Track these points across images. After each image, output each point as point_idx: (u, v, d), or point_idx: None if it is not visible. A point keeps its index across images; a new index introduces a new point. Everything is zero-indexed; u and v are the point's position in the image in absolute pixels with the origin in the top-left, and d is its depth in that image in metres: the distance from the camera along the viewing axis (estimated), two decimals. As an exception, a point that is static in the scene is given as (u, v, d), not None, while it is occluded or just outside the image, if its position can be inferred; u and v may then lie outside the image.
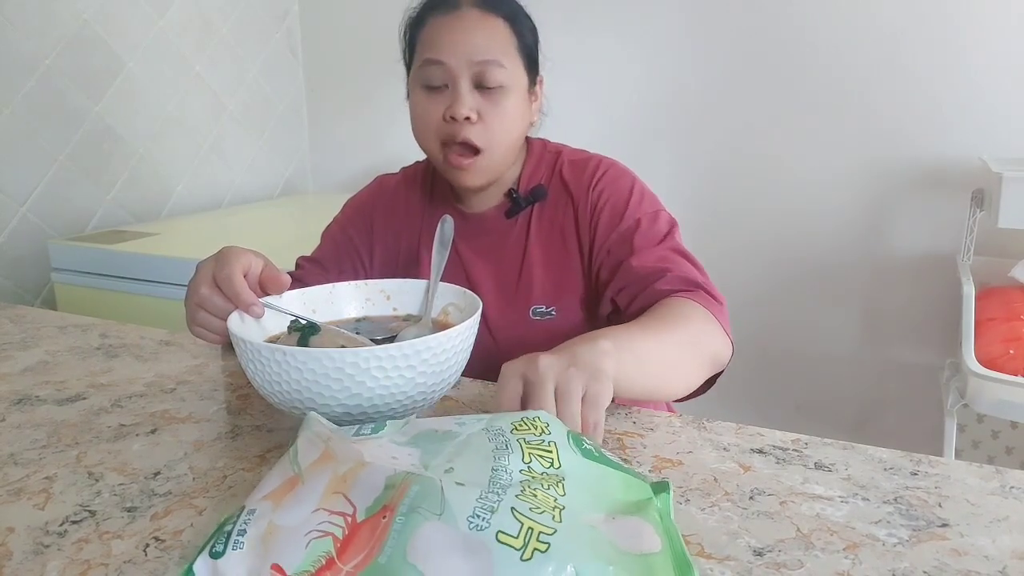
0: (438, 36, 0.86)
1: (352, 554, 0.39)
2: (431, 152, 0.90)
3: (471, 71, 0.84)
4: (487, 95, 0.85)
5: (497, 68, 0.84)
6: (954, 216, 1.70)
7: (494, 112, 0.86)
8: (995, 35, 1.63)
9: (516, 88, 0.87)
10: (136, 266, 1.43)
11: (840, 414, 1.94)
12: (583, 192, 0.93)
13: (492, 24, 0.86)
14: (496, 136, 0.86)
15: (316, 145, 2.41)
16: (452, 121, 0.85)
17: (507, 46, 0.86)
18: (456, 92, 0.85)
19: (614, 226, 0.90)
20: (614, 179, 0.94)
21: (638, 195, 0.92)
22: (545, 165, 0.97)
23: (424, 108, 0.87)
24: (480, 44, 0.84)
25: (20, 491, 0.56)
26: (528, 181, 0.96)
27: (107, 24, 1.69)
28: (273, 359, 0.56)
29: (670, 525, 0.44)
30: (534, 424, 0.50)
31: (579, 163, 0.96)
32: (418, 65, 0.87)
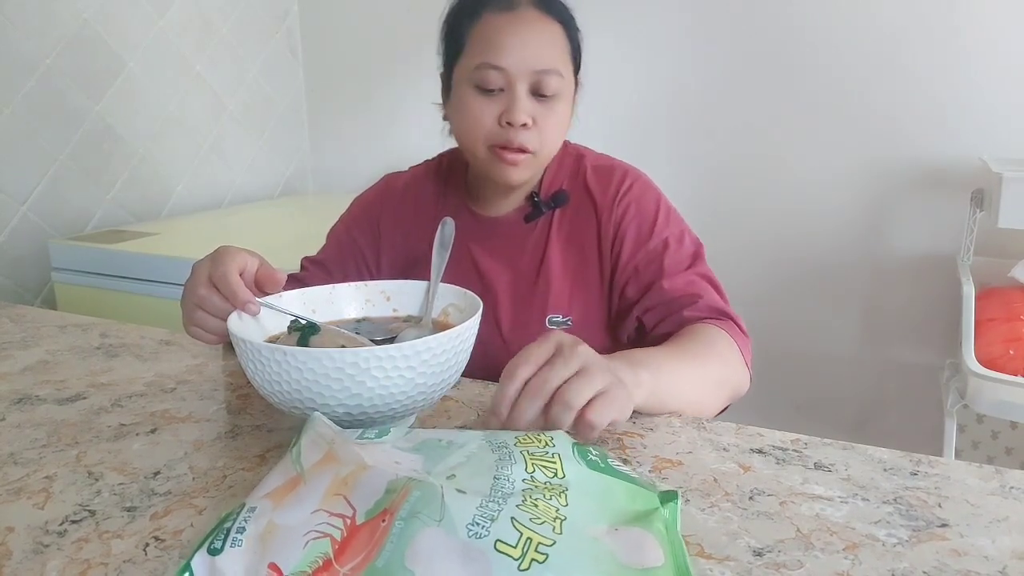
0: (497, 38, 0.83)
1: (350, 556, 0.39)
2: (477, 152, 0.87)
3: (530, 79, 0.83)
4: (542, 102, 0.84)
5: (556, 77, 0.84)
6: (954, 216, 1.70)
7: (548, 118, 0.85)
8: (995, 35, 1.63)
9: (567, 95, 0.87)
10: (136, 266, 1.43)
11: (840, 414, 1.94)
12: (608, 203, 0.92)
13: (550, 29, 0.85)
14: (547, 141, 0.86)
15: (316, 145, 2.41)
16: (507, 126, 0.84)
17: (563, 53, 0.85)
18: (514, 98, 0.83)
19: (641, 244, 0.89)
20: (640, 194, 0.92)
21: (664, 213, 0.92)
22: (567, 169, 0.96)
23: (478, 110, 0.85)
24: (541, 52, 0.83)
25: (20, 490, 0.56)
26: (550, 185, 0.94)
27: (107, 24, 1.69)
28: (273, 359, 0.56)
29: (675, 537, 0.44)
30: (538, 438, 0.50)
31: (604, 171, 0.95)
32: (474, 66, 0.84)
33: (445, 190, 0.99)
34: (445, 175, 0.99)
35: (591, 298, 0.92)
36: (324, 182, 2.44)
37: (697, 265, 0.89)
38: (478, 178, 0.95)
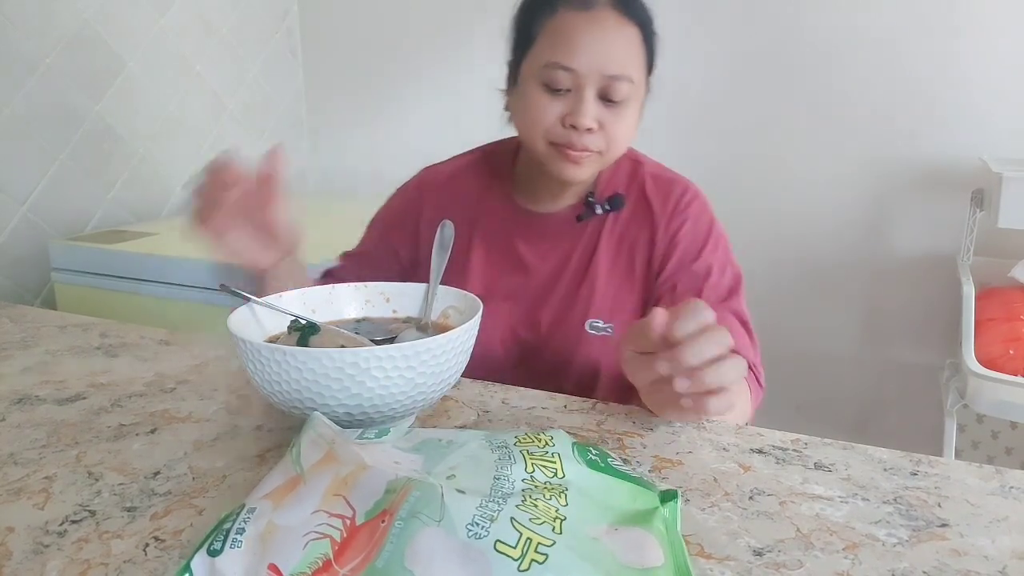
0: (570, 37, 0.81)
1: (349, 557, 0.39)
2: (537, 149, 0.86)
3: (600, 83, 0.81)
4: (610, 106, 0.82)
5: (626, 83, 0.81)
6: (954, 216, 1.70)
7: (614, 123, 0.83)
8: (995, 35, 1.63)
9: (637, 100, 0.85)
10: (136, 266, 1.43)
11: (840, 414, 1.94)
12: (666, 215, 0.91)
13: (626, 32, 0.82)
14: (613, 145, 0.84)
15: (316, 145, 2.41)
16: (571, 128, 0.82)
17: (637, 59, 0.83)
18: (580, 100, 0.81)
19: (686, 264, 0.89)
20: (699, 213, 0.92)
21: (715, 238, 0.91)
22: (624, 173, 0.94)
23: (542, 108, 0.83)
24: (614, 57, 0.81)
25: (20, 491, 0.56)
26: (606, 187, 0.93)
27: (107, 24, 1.69)
28: (273, 359, 0.56)
29: (675, 537, 0.44)
30: (538, 437, 0.50)
31: (665, 181, 0.93)
32: (543, 64, 0.82)
33: (491, 183, 0.96)
34: (491, 168, 0.97)
35: (631, 307, 0.91)
36: (324, 182, 2.44)
37: (732, 300, 0.88)
38: (532, 172, 0.93)
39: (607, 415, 0.70)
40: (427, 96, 2.19)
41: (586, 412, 0.71)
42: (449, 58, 2.14)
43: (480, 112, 2.08)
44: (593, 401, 0.73)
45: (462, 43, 2.11)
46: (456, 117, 2.13)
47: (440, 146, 1.00)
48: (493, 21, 2.20)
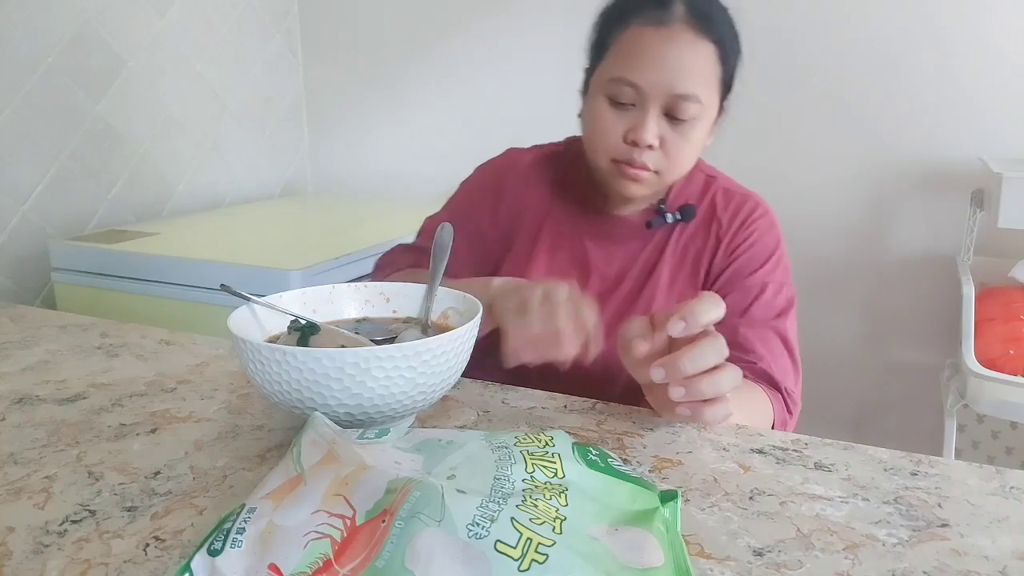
0: (640, 54, 0.79)
1: (350, 557, 0.39)
2: (599, 164, 0.86)
3: (665, 100, 0.80)
4: (675, 124, 0.81)
5: (694, 104, 0.80)
6: (954, 216, 1.70)
7: (678, 141, 0.82)
8: (995, 35, 1.63)
9: (705, 120, 0.83)
10: (136, 266, 1.43)
11: (840, 414, 1.94)
12: (734, 228, 0.91)
13: (701, 51, 0.80)
14: (674, 165, 0.83)
15: (316, 145, 2.40)
16: (632, 144, 0.81)
17: (709, 78, 0.81)
18: (644, 117, 0.80)
19: (741, 277, 0.89)
20: (766, 230, 0.92)
21: (777, 258, 0.91)
22: (696, 185, 0.94)
23: (606, 122, 0.83)
24: (682, 76, 0.79)
25: (20, 490, 0.56)
26: (677, 197, 0.93)
27: (107, 24, 1.69)
28: (273, 359, 0.56)
29: (675, 537, 0.44)
30: (537, 437, 0.50)
31: (737, 196, 0.94)
32: (610, 77, 0.81)
33: (568, 178, 0.97)
34: (570, 163, 0.97)
35: None
36: (323, 182, 2.44)
37: (779, 320, 0.87)
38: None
39: (607, 415, 0.70)
40: (427, 96, 2.19)
41: (586, 412, 0.71)
42: (449, 58, 2.14)
43: (480, 112, 2.08)
44: (593, 401, 0.73)
45: (462, 43, 2.11)
46: (456, 117, 2.13)
47: (440, 146, 1.00)
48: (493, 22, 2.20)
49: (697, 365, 0.57)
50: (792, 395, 0.85)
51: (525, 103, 2.02)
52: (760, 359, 0.84)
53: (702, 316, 0.57)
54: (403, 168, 2.25)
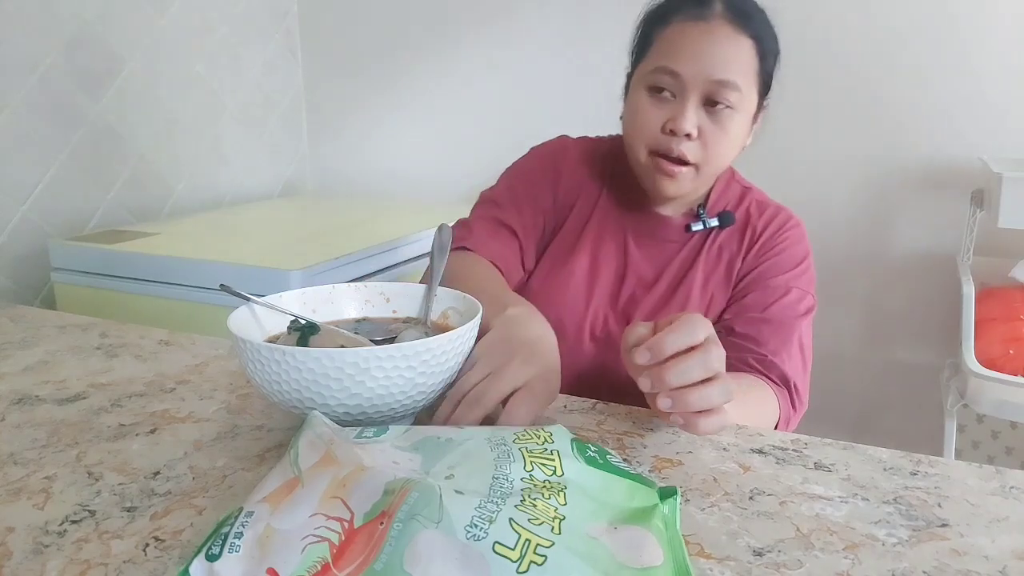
0: (680, 45, 0.82)
1: (348, 560, 0.39)
2: (637, 156, 0.87)
3: (704, 88, 0.81)
4: (713, 114, 0.83)
5: (732, 90, 0.81)
6: (954, 216, 1.70)
7: (716, 132, 0.83)
8: (995, 35, 1.63)
9: (744, 111, 0.84)
10: (136, 266, 1.42)
11: (840, 414, 1.94)
12: (767, 236, 0.93)
13: (739, 44, 0.82)
14: (711, 156, 0.84)
15: (315, 145, 2.40)
16: (671, 134, 0.83)
17: (747, 69, 0.83)
18: (683, 106, 0.82)
19: (765, 279, 0.91)
20: (796, 241, 0.94)
21: (804, 267, 0.93)
22: (733, 194, 0.97)
23: (646, 113, 0.84)
24: (721, 63, 0.81)
25: (20, 491, 0.56)
26: (716, 201, 0.95)
27: (107, 24, 1.69)
28: (273, 359, 0.56)
29: (675, 534, 0.44)
30: (536, 434, 0.50)
31: (771, 208, 0.96)
32: (650, 69, 0.84)
33: (618, 172, 0.98)
34: (619, 158, 0.97)
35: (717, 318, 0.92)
36: (323, 182, 2.43)
37: (798, 322, 0.89)
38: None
39: (607, 415, 0.70)
40: (426, 96, 2.19)
41: (586, 412, 0.71)
42: (449, 58, 2.14)
43: (480, 113, 2.08)
44: (593, 401, 0.73)
45: (462, 43, 2.11)
46: (456, 117, 2.13)
47: (440, 146, 1.00)
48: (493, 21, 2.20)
49: (683, 378, 0.57)
50: (799, 392, 0.86)
51: (525, 103, 2.02)
52: (773, 353, 0.85)
53: (668, 348, 0.57)
54: (403, 168, 2.25)
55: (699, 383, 0.57)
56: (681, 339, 0.57)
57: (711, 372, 0.57)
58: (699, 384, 0.57)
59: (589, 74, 1.99)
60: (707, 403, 0.57)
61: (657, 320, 0.62)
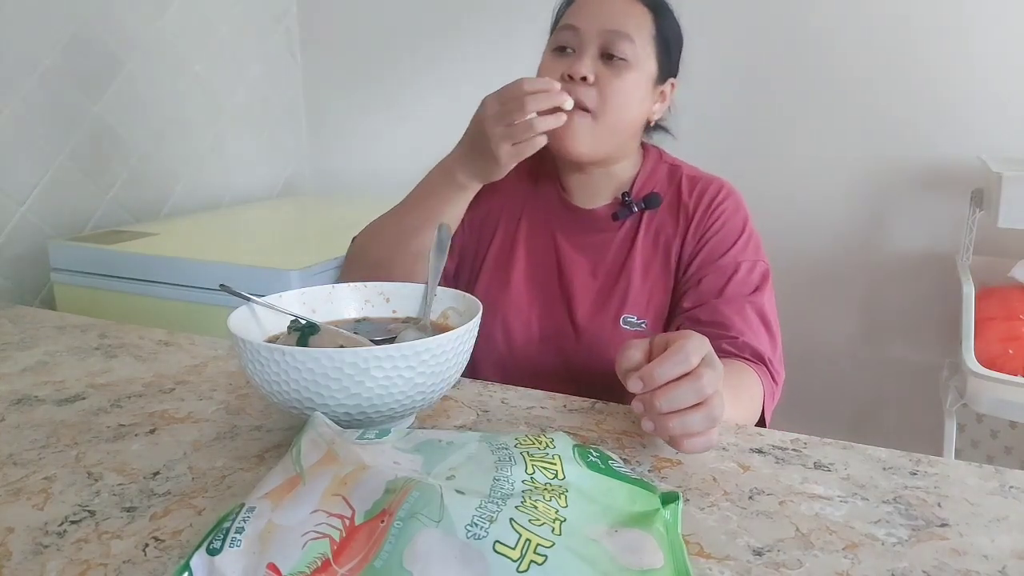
0: (578, 8, 0.89)
1: (348, 557, 0.39)
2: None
3: (600, 39, 0.86)
4: (610, 64, 0.86)
5: (626, 41, 0.85)
6: (954, 216, 1.70)
7: (612, 80, 0.86)
8: (995, 34, 1.63)
9: (641, 69, 0.87)
10: (136, 266, 1.42)
11: (840, 414, 1.94)
12: (701, 212, 0.93)
13: (634, 6, 0.88)
14: (609, 105, 0.86)
15: (315, 145, 2.40)
16: (569, 80, 0.85)
17: (642, 28, 0.87)
18: (579, 54, 0.86)
19: (713, 259, 0.90)
20: (733, 211, 0.94)
21: (747, 237, 0.93)
22: (661, 174, 0.97)
23: (547, 68, 0.89)
24: (615, 16, 0.87)
25: (19, 491, 0.56)
26: (642, 186, 0.95)
27: (106, 24, 1.69)
28: (272, 359, 0.56)
29: (676, 539, 0.44)
30: (538, 439, 0.50)
31: (702, 181, 0.96)
32: (553, 33, 0.90)
33: (538, 174, 0.99)
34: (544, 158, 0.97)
35: (663, 300, 0.92)
36: (323, 182, 2.43)
37: (756, 296, 0.88)
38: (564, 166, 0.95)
39: (607, 415, 0.70)
40: (426, 96, 2.19)
41: (586, 412, 0.71)
42: (448, 58, 2.13)
43: (479, 112, 2.08)
44: (593, 401, 0.73)
45: (461, 43, 2.11)
46: (455, 117, 2.12)
47: (440, 146, 1.00)
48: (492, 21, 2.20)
49: (672, 405, 0.56)
50: (774, 364, 0.86)
51: (524, 103, 2.02)
52: (741, 333, 0.85)
53: (660, 378, 0.57)
54: (403, 168, 2.24)
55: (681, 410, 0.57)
56: (673, 369, 0.57)
57: (701, 397, 0.57)
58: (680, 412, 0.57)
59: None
60: (687, 429, 0.57)
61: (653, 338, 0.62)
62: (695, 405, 0.57)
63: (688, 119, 1.92)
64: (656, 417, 0.57)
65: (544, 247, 0.96)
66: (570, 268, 0.94)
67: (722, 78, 1.89)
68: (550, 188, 0.98)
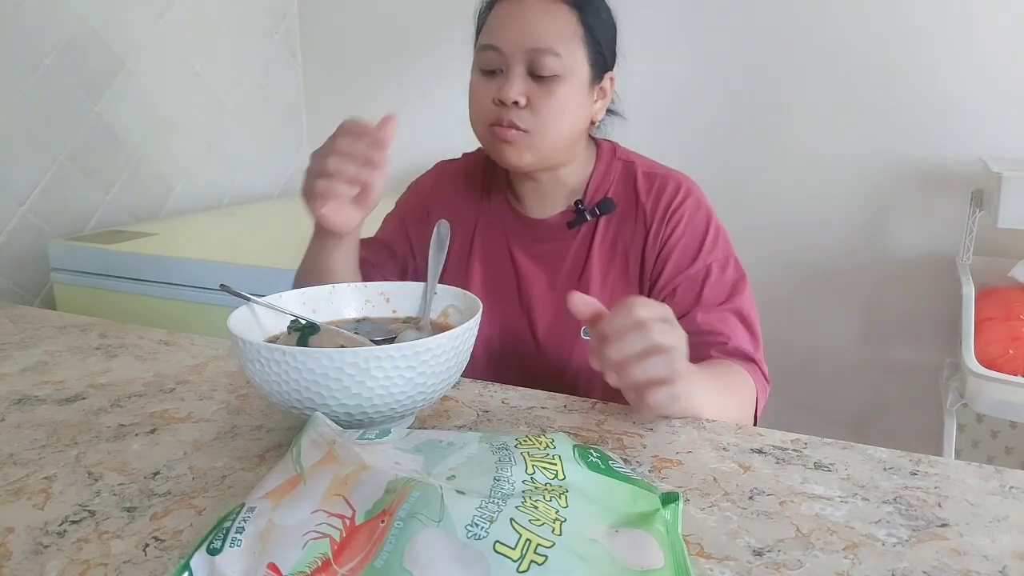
0: (498, 23, 0.86)
1: (349, 557, 0.39)
2: (482, 136, 0.89)
3: (525, 58, 0.83)
4: (540, 83, 0.84)
5: (551, 56, 0.82)
6: (954, 216, 1.70)
7: (545, 98, 0.83)
8: (995, 35, 1.63)
9: (572, 79, 0.84)
10: (136, 266, 1.43)
11: (840, 414, 1.94)
12: (659, 215, 0.89)
13: (555, 12, 0.84)
14: (544, 123, 0.84)
15: (315, 145, 2.39)
16: (501, 105, 0.84)
17: (568, 35, 0.84)
18: (507, 76, 0.84)
19: (684, 267, 0.87)
20: (694, 210, 0.90)
21: (713, 235, 0.89)
22: (616, 174, 0.93)
23: (477, 92, 0.87)
24: (537, 32, 0.83)
25: (19, 491, 0.56)
26: (596, 190, 0.92)
27: (107, 24, 1.69)
28: (273, 359, 0.56)
29: (676, 539, 0.43)
30: (538, 440, 0.50)
31: (657, 179, 0.92)
32: (476, 50, 0.88)
33: (490, 186, 0.98)
34: (494, 169, 0.98)
35: None
36: (324, 182, 2.43)
37: (734, 299, 0.86)
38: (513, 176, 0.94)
39: (607, 415, 0.70)
40: (426, 96, 2.19)
41: (586, 412, 0.71)
42: (448, 58, 2.13)
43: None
44: (593, 401, 0.73)
45: (461, 43, 2.11)
46: (455, 117, 2.12)
47: (439, 146, 1.01)
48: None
49: (623, 352, 0.59)
50: (761, 364, 0.85)
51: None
52: (728, 338, 0.84)
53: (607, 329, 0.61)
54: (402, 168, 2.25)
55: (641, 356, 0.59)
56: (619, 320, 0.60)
57: (651, 344, 0.59)
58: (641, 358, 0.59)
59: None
60: (648, 374, 0.59)
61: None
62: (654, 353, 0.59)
63: (687, 122, 1.93)
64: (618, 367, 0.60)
65: (500, 260, 0.94)
66: (528, 280, 0.92)
67: (722, 79, 1.89)
68: (502, 199, 0.96)
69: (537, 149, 0.86)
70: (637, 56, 1.95)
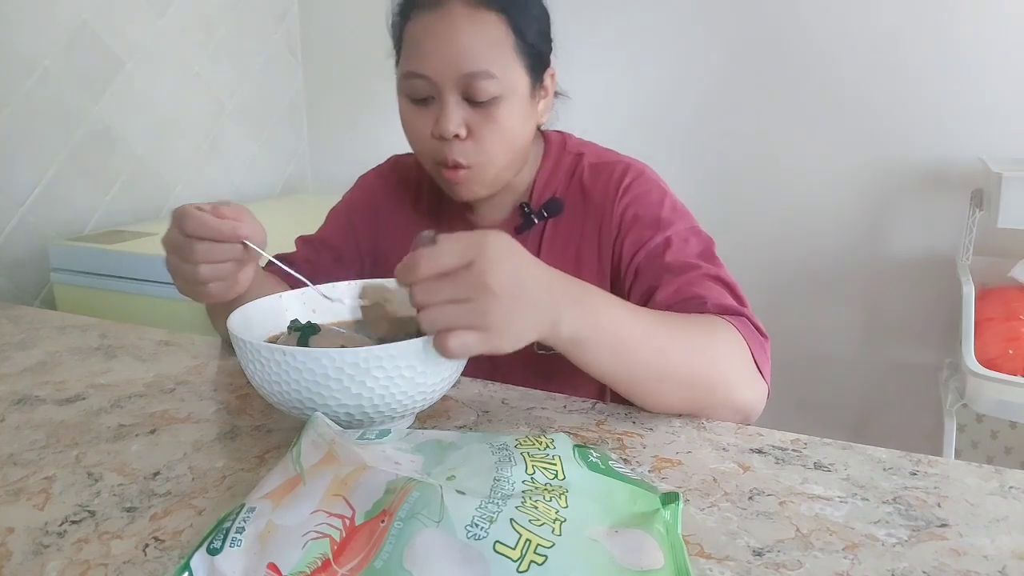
0: (421, 42, 0.76)
1: (349, 557, 0.39)
2: (429, 170, 0.83)
3: (458, 85, 0.75)
4: (478, 108, 0.76)
5: (487, 79, 0.74)
6: (954, 216, 1.70)
7: (486, 127, 0.77)
8: (995, 35, 1.63)
9: (513, 95, 0.77)
10: (136, 266, 1.42)
11: (840, 414, 1.94)
12: (608, 205, 0.84)
13: (482, 24, 0.75)
14: (488, 152, 0.78)
15: (315, 145, 2.40)
16: (441, 139, 0.77)
17: (500, 49, 0.76)
18: (442, 108, 0.76)
19: (642, 244, 0.81)
20: (644, 191, 0.84)
21: (669, 210, 0.83)
22: (563, 170, 0.88)
23: (413, 124, 0.79)
24: (467, 53, 0.74)
25: (19, 491, 0.56)
26: (543, 189, 0.87)
27: (107, 24, 1.69)
28: (273, 359, 0.56)
29: (676, 539, 0.44)
30: (538, 440, 0.50)
31: (603, 168, 0.86)
32: (402, 75, 0.78)
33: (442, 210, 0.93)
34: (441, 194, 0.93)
35: None
36: (323, 182, 2.43)
37: (704, 266, 0.78)
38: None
39: (607, 415, 0.70)
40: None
41: (586, 412, 0.71)
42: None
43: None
44: (593, 401, 0.73)
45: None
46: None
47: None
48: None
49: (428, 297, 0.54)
50: (752, 318, 0.75)
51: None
52: (705, 299, 0.75)
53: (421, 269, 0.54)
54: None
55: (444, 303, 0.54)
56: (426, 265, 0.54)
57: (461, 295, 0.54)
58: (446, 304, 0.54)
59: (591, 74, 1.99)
60: (448, 322, 0.54)
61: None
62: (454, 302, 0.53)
63: (686, 122, 1.93)
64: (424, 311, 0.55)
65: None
66: None
67: (722, 80, 1.89)
68: (453, 207, 0.90)
69: (486, 181, 0.81)
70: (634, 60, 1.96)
